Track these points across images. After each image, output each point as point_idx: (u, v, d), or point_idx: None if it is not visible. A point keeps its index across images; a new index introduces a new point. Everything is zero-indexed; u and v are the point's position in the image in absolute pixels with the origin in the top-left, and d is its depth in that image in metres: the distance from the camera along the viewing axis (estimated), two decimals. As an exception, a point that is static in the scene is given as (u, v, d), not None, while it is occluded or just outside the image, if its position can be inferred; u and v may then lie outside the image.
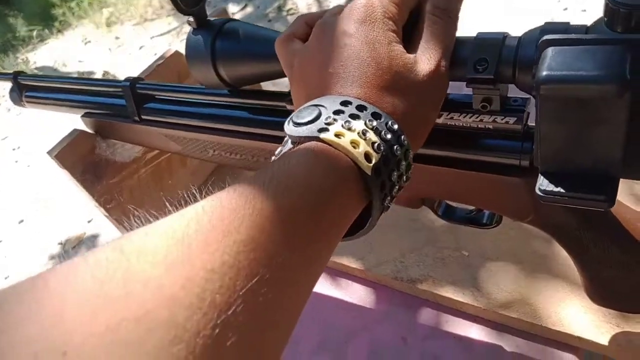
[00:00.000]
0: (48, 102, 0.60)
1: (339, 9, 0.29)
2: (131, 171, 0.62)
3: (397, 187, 0.25)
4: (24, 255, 1.70)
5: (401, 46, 0.27)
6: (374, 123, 0.23)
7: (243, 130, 0.44)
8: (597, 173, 0.25)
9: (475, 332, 0.48)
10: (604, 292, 0.37)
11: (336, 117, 0.23)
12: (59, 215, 1.80)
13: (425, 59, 0.27)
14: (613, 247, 0.32)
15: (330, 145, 0.22)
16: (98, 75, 2.54)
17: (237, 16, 2.60)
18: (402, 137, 0.24)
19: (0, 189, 2.09)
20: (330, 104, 0.24)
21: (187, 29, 0.39)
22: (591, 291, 0.38)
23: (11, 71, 0.62)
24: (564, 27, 0.25)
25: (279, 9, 2.54)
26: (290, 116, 0.25)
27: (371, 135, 0.23)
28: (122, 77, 0.51)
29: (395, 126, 0.24)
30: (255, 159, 0.46)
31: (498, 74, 0.28)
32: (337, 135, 0.22)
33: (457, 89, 0.32)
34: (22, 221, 1.85)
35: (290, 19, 2.45)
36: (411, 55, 0.27)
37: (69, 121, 0.60)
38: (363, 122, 0.23)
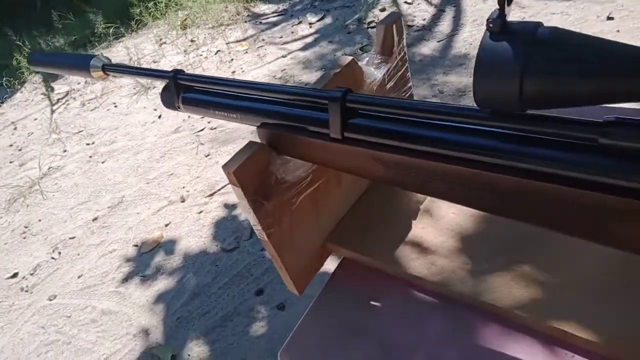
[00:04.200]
0: (213, 107, 0.53)
1: None
2: (295, 192, 0.54)
3: None
4: (98, 255, 1.67)
5: None
6: None
7: (512, 165, 0.34)
8: None
9: None
10: None
11: None
12: (134, 216, 1.77)
13: None
14: None
15: None
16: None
17: (316, 27, 2.55)
18: None
19: (73, 184, 2.09)
20: None
21: (264, 36, 0.30)
22: None
23: (170, 69, 0.56)
24: None
25: (359, 21, 2.47)
26: None
27: None
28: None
29: None
30: (508, 200, 0.36)
31: None
32: None
33: None
34: (95, 219, 1.83)
35: (372, 32, 2.37)
36: None
37: (144, 116, 0.52)
38: None
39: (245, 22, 2.78)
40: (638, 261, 0.35)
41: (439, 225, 0.59)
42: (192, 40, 2.86)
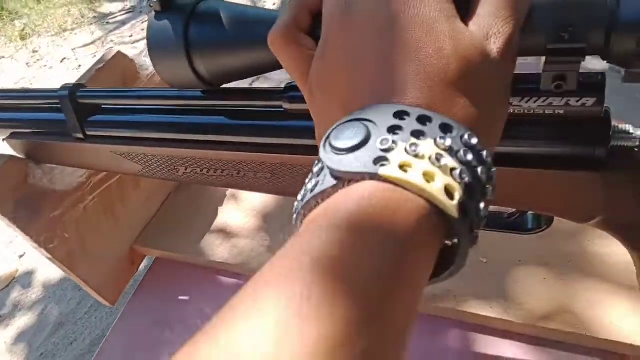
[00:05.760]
0: (-42, 123, 0.48)
1: None
2: (75, 201, 0.51)
3: (485, 219, 0.18)
4: (-58, 304, 1.47)
5: (461, 22, 0.20)
6: (447, 141, 0.16)
7: (226, 140, 0.35)
8: None
9: (508, 349, 0.42)
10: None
11: (393, 137, 0.16)
12: (-18, 254, 1.58)
13: (494, 34, 0.20)
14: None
15: (395, 184, 0.16)
16: (15, 93, 2.30)
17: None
18: (484, 153, 0.17)
19: None
20: (379, 117, 0.17)
21: (113, 37, 0.30)
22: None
23: None
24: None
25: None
26: (327, 136, 0.18)
27: (447, 160, 0.16)
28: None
29: (474, 140, 0.17)
30: (243, 174, 0.37)
31: (589, 42, 0.21)
32: (402, 167, 0.16)
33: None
34: (-64, 264, 1.61)
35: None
36: (477, 32, 0.20)
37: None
38: (432, 141, 0.16)
39: (91, 24, 2.59)
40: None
41: (243, 207, 0.60)
42: (34, 51, 2.60)
